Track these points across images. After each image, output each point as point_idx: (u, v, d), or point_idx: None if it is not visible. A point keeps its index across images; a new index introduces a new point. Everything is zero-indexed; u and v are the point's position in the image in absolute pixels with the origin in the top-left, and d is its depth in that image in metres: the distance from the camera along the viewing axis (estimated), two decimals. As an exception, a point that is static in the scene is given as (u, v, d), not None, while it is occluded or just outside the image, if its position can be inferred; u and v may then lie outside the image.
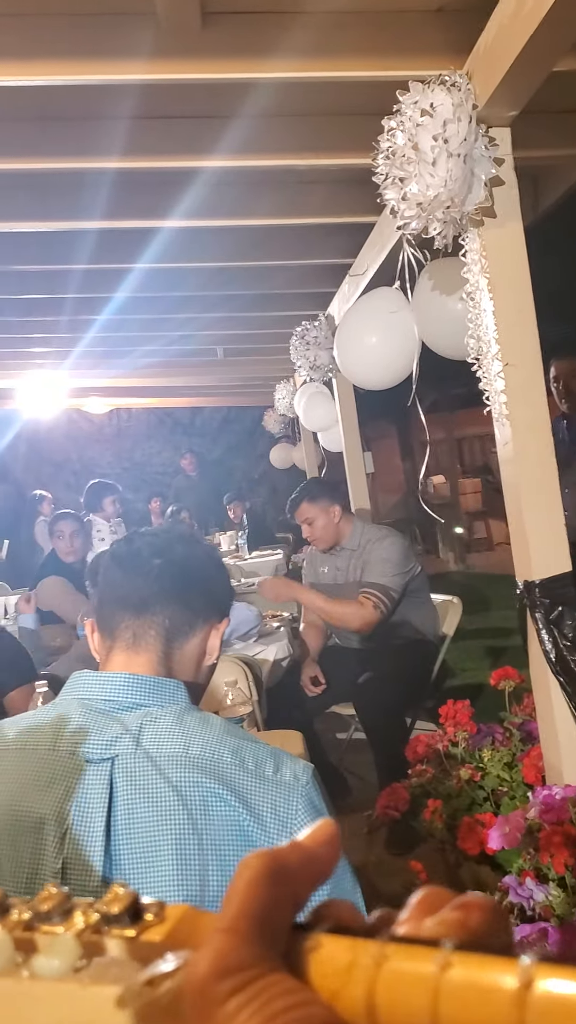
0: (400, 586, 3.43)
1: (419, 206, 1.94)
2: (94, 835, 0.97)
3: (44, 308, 4.57)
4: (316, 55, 2.06)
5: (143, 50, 2.01)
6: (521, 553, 2.10)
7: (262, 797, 1.00)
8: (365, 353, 2.70)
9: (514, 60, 1.72)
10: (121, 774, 1.01)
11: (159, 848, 0.96)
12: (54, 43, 2.05)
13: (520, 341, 2.01)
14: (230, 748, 1.04)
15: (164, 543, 1.19)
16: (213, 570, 1.24)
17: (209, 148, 2.54)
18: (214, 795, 0.98)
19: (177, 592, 1.16)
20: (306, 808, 1.01)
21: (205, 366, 6.77)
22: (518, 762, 2.32)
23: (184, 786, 0.99)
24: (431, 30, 2.04)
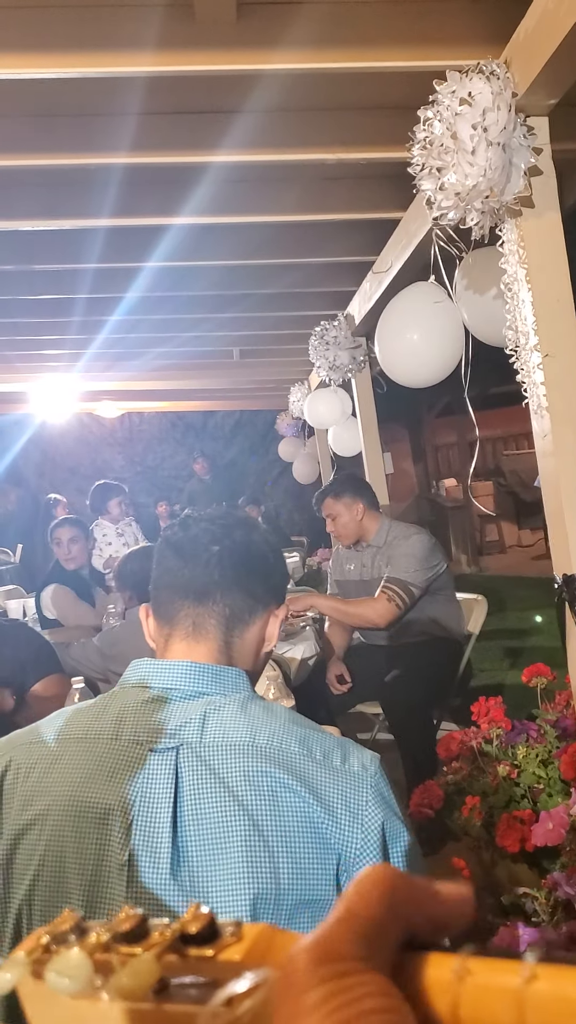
0: (422, 582, 3.42)
1: (457, 196, 1.93)
2: (160, 826, 0.95)
3: (55, 309, 4.54)
4: (350, 46, 2.05)
5: (177, 40, 2.00)
6: (560, 546, 2.08)
7: (332, 788, 0.98)
8: (409, 349, 2.66)
9: (557, 47, 1.70)
10: (187, 763, 0.98)
11: (228, 839, 0.94)
12: (80, 35, 2.03)
13: (559, 332, 1.99)
14: (297, 738, 1.01)
15: (222, 529, 1.16)
16: (271, 556, 1.21)
17: (229, 142, 2.52)
18: (283, 785, 0.96)
19: (237, 579, 1.14)
20: (376, 799, 0.98)
21: (218, 368, 6.75)
22: (554, 759, 2.30)
23: (253, 776, 0.97)
24: (467, 20, 2.02)
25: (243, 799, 0.95)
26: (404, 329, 2.70)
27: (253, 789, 0.96)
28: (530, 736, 2.45)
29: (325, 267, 4.15)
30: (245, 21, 2.00)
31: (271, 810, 0.95)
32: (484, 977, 0.27)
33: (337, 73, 2.19)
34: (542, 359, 1.98)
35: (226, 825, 0.94)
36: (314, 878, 0.94)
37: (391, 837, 0.98)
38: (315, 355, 4.42)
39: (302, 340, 4.68)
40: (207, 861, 0.94)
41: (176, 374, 6.75)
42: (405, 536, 3.55)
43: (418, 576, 3.41)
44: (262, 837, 0.94)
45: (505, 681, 5.04)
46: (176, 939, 0.31)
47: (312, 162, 2.77)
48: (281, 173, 3.10)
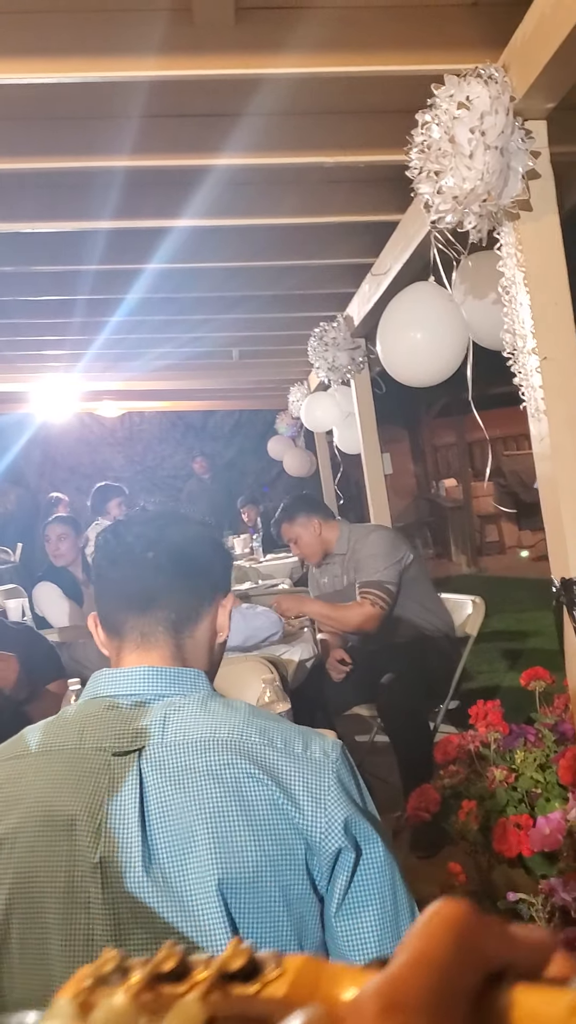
0: (394, 577, 3.45)
1: (455, 199, 1.93)
2: (129, 827, 0.97)
3: (56, 310, 4.54)
4: (349, 49, 2.05)
5: (176, 45, 2.00)
6: (558, 549, 2.08)
7: (294, 774, 1.00)
8: (411, 349, 2.65)
9: (555, 51, 1.70)
10: (150, 764, 1.00)
11: (196, 833, 0.96)
12: (80, 39, 2.04)
13: (557, 335, 1.99)
14: (257, 729, 1.03)
15: (155, 531, 1.14)
16: (210, 548, 1.19)
17: (230, 145, 2.52)
18: (246, 774, 0.98)
19: (178, 582, 1.13)
20: (336, 785, 1.00)
21: (218, 369, 6.75)
22: (552, 763, 2.30)
23: (216, 769, 0.99)
24: (465, 24, 2.02)
25: (207, 792, 0.97)
26: (407, 328, 2.69)
27: (216, 781, 0.98)
28: (528, 740, 2.45)
29: (325, 269, 4.15)
30: (244, 25, 2.00)
31: (236, 799, 0.97)
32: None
33: (336, 77, 2.19)
34: (540, 362, 1.98)
35: (193, 820, 0.96)
36: (284, 863, 0.96)
37: (353, 824, 0.99)
38: (314, 356, 4.42)
39: (302, 341, 4.69)
40: (177, 857, 0.95)
41: (176, 374, 6.75)
42: (364, 536, 3.61)
43: (389, 573, 3.44)
44: (228, 827, 0.95)
45: (503, 684, 5.04)
46: (218, 977, 0.30)
47: (311, 165, 2.77)
48: (281, 176, 3.10)
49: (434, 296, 2.60)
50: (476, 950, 0.28)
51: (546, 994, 0.27)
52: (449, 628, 3.64)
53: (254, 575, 5.59)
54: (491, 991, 0.27)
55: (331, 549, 3.68)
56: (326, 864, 0.98)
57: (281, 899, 0.96)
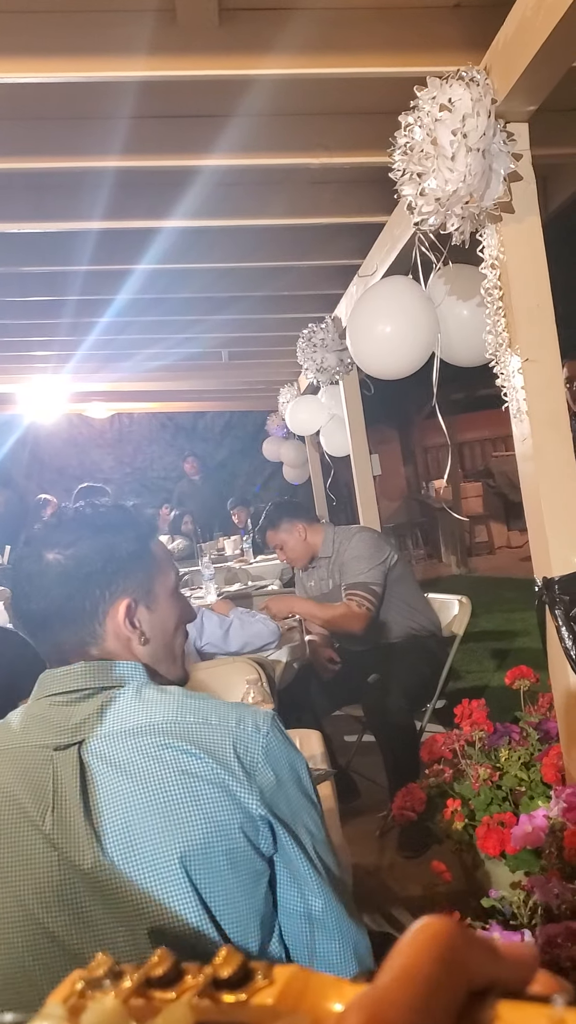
0: (379, 579, 3.47)
1: (437, 201, 1.94)
2: (76, 819, 1.00)
3: (45, 311, 4.55)
4: (333, 51, 2.06)
5: (160, 46, 2.00)
6: (540, 550, 2.09)
7: (227, 747, 1.03)
8: (380, 341, 2.65)
9: (535, 54, 1.71)
10: (91, 756, 1.03)
11: (146, 814, 0.99)
12: (66, 40, 2.04)
13: (539, 337, 2.00)
14: (191, 710, 1.06)
15: (24, 568, 1.14)
16: (69, 569, 1.13)
17: (217, 146, 2.53)
18: (184, 752, 1.01)
19: (50, 614, 1.13)
20: (265, 755, 1.04)
21: (208, 370, 6.76)
22: (536, 762, 2.31)
23: (153, 751, 1.02)
24: (448, 26, 2.03)
25: (148, 775, 1.01)
26: (376, 319, 2.68)
27: (156, 763, 1.01)
28: (512, 739, 2.46)
29: (313, 270, 4.17)
30: (228, 26, 2.01)
31: (178, 777, 1.01)
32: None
33: (320, 78, 2.20)
34: (522, 364, 1.99)
35: (140, 802, 1.00)
36: (227, 832, 1.00)
37: (272, 795, 1.04)
38: (303, 357, 4.43)
39: (291, 342, 4.70)
40: (131, 840, 0.99)
41: (166, 375, 6.75)
42: (348, 538, 3.62)
43: (374, 574, 3.46)
44: (173, 806, 0.99)
45: (491, 683, 5.05)
46: (208, 983, 0.31)
47: (298, 167, 2.78)
48: (269, 177, 3.12)
49: (404, 288, 2.61)
50: (461, 966, 0.28)
51: (529, 1010, 0.27)
52: (436, 628, 3.65)
53: (244, 576, 5.60)
54: (475, 1007, 0.28)
55: (317, 553, 3.70)
56: (263, 830, 1.02)
57: (229, 867, 1.00)
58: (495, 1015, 0.28)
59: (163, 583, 1.20)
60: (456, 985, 0.28)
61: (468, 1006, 0.28)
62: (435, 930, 0.29)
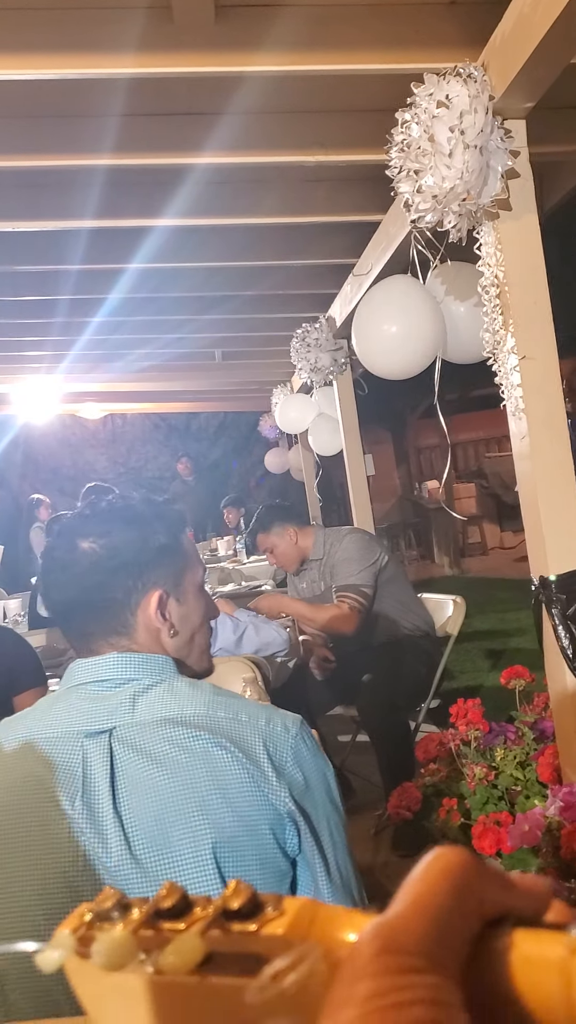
0: (370, 580, 3.46)
1: (434, 198, 1.93)
2: (103, 805, 1.02)
3: (37, 310, 4.53)
4: (329, 48, 2.05)
5: (156, 42, 1.99)
6: (536, 549, 2.08)
7: (257, 744, 1.05)
8: (386, 340, 2.63)
9: (533, 50, 1.71)
10: (121, 743, 1.05)
11: (171, 804, 1.01)
12: (60, 37, 2.03)
13: (536, 334, 2.00)
14: (223, 705, 1.08)
15: (61, 552, 1.16)
16: (103, 560, 1.14)
17: (210, 144, 2.51)
18: (214, 744, 1.03)
19: (80, 602, 1.14)
20: (294, 756, 1.06)
21: (202, 370, 6.74)
22: (532, 761, 2.30)
23: (184, 742, 1.04)
24: (445, 23, 2.03)
25: (176, 765, 1.02)
26: (382, 319, 2.66)
27: (186, 753, 1.03)
28: (508, 738, 2.46)
29: (307, 269, 4.15)
30: (223, 23, 2.00)
31: (207, 768, 1.02)
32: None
33: (316, 75, 2.19)
34: (519, 361, 1.98)
35: (164, 791, 1.01)
36: (256, 827, 1.01)
37: (300, 795, 1.05)
38: (297, 357, 4.42)
39: (284, 342, 4.68)
40: (159, 828, 1.00)
41: (159, 375, 6.73)
42: (339, 540, 3.61)
43: (364, 576, 3.45)
44: (199, 795, 1.01)
45: (485, 683, 5.05)
46: (218, 914, 0.31)
47: (292, 164, 2.77)
48: (263, 175, 3.10)
49: (410, 288, 2.60)
50: (474, 896, 0.28)
51: (544, 937, 0.27)
52: (429, 627, 3.65)
53: (237, 577, 5.58)
54: (490, 936, 0.28)
55: (307, 555, 3.68)
56: (289, 829, 1.03)
57: (257, 865, 1.01)
58: (510, 943, 0.28)
59: (192, 577, 1.21)
60: (470, 913, 0.28)
61: (483, 935, 0.28)
62: (448, 860, 0.29)
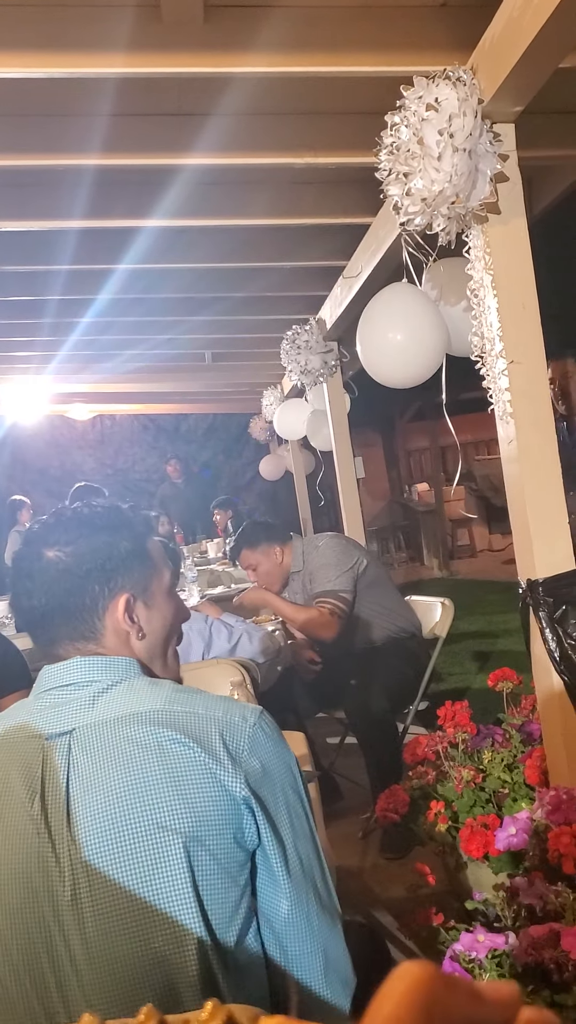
0: (348, 585, 3.44)
1: (423, 201, 1.93)
2: (59, 806, 1.03)
3: (26, 310, 4.51)
4: (318, 49, 2.05)
5: (144, 42, 1.99)
6: (524, 552, 2.09)
7: (215, 736, 1.06)
8: (392, 350, 2.62)
9: (522, 54, 1.71)
10: (79, 744, 1.06)
11: (122, 802, 1.02)
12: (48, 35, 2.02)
13: (524, 338, 2.00)
14: (180, 701, 1.09)
15: (29, 559, 1.17)
16: (62, 575, 1.15)
17: (199, 145, 2.51)
18: (171, 740, 1.04)
19: (49, 610, 1.15)
20: (251, 744, 1.07)
21: (191, 371, 6.73)
22: (519, 763, 2.31)
23: (140, 739, 1.05)
24: (434, 26, 2.03)
25: (131, 762, 1.03)
26: (388, 329, 2.65)
27: (140, 750, 1.04)
28: (495, 741, 2.46)
29: (297, 271, 4.16)
30: (213, 23, 1.99)
31: (160, 764, 1.03)
32: None
33: (306, 77, 2.19)
34: (507, 365, 1.99)
35: (121, 789, 1.03)
36: (214, 821, 1.02)
37: (266, 788, 1.06)
38: (287, 359, 4.42)
39: (275, 344, 4.68)
40: (109, 832, 1.01)
41: (149, 377, 6.72)
42: (315, 548, 3.59)
43: (342, 581, 3.43)
44: (155, 791, 1.02)
45: (474, 685, 5.06)
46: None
47: (282, 166, 2.77)
48: (252, 177, 3.10)
49: (413, 296, 2.60)
50: (443, 1013, 0.28)
51: None
52: (416, 629, 3.64)
53: (227, 579, 5.57)
54: None
55: (288, 572, 3.67)
56: (247, 818, 1.04)
57: (212, 858, 1.02)
58: None
59: (159, 581, 1.22)
60: (437, 1018, 0.28)
61: None
62: (415, 978, 0.29)
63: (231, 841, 1.03)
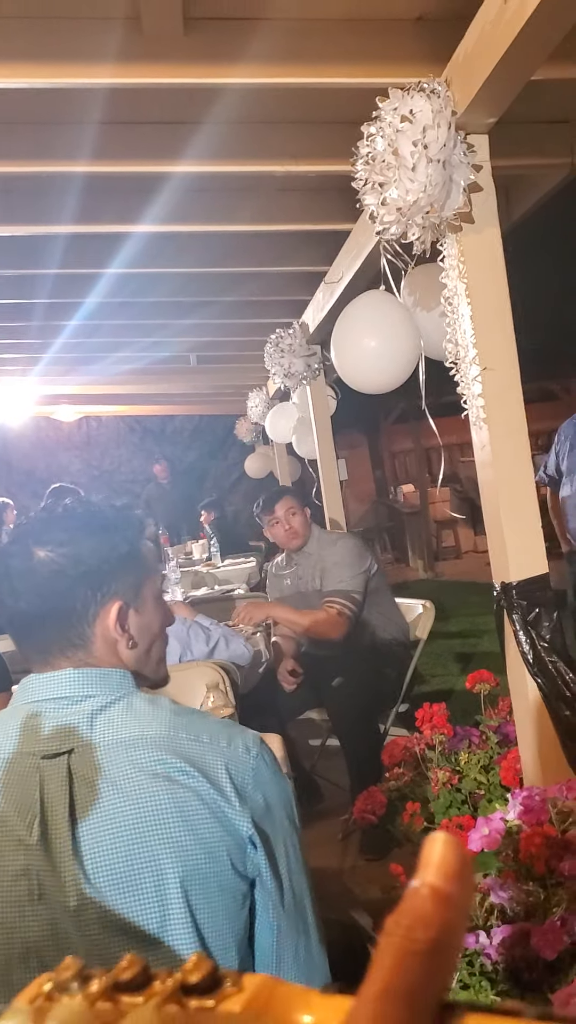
0: (360, 587, 3.49)
1: (399, 211, 1.96)
2: (62, 832, 0.99)
3: (12, 313, 4.52)
4: (298, 61, 2.08)
5: (126, 54, 2.01)
6: (498, 555, 2.12)
7: (219, 767, 1.04)
8: (364, 356, 2.66)
9: (494, 66, 1.74)
10: (80, 765, 1.02)
11: (130, 832, 0.99)
12: (35, 46, 2.04)
13: (497, 346, 2.03)
14: (183, 726, 1.07)
15: (16, 560, 1.09)
16: (55, 577, 1.08)
17: (185, 153, 2.53)
18: (176, 769, 1.02)
19: (26, 621, 1.10)
20: (255, 778, 1.06)
21: (177, 373, 6.75)
22: (495, 764, 2.34)
23: (147, 765, 1.02)
24: (411, 38, 2.06)
25: (139, 791, 1.00)
26: (360, 335, 2.68)
27: (148, 778, 1.01)
28: (472, 742, 2.49)
29: (281, 276, 4.19)
30: (193, 35, 2.02)
31: (168, 795, 1.00)
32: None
33: (285, 88, 2.22)
34: (480, 372, 2.02)
35: (124, 815, 0.99)
36: (219, 855, 1.00)
37: (268, 821, 1.05)
38: (270, 362, 4.45)
39: (259, 347, 4.72)
40: (118, 853, 0.98)
41: (135, 379, 6.73)
42: (332, 542, 3.64)
43: (356, 582, 3.48)
44: (159, 819, 0.99)
45: (457, 687, 5.09)
46: (177, 988, 0.31)
47: (264, 174, 2.80)
48: (238, 184, 3.13)
49: (386, 303, 2.63)
50: (441, 954, 0.28)
51: (496, 1022, 0.27)
52: (403, 634, 3.68)
53: (211, 580, 5.59)
54: (444, 1019, 0.27)
55: (302, 545, 3.70)
56: (249, 852, 1.03)
57: (218, 891, 1.00)
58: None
59: (151, 586, 1.17)
60: (434, 982, 0.27)
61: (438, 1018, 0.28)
62: (412, 939, 0.28)
63: (234, 875, 1.01)
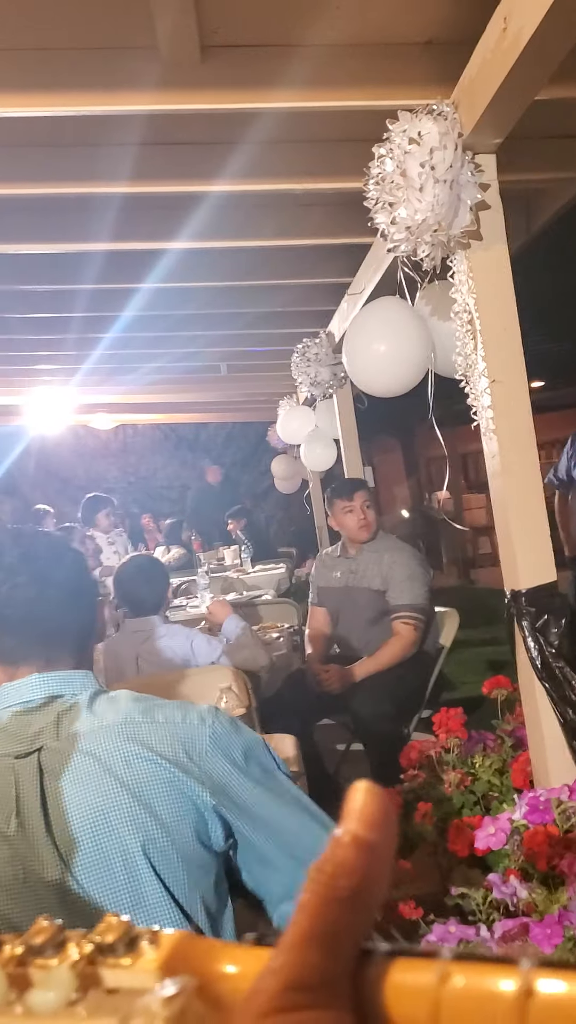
0: (428, 599, 3.61)
1: (408, 230, 2.03)
2: (36, 825, 1.07)
3: (52, 327, 4.68)
4: (311, 86, 2.15)
5: (147, 82, 2.10)
6: (509, 563, 2.17)
7: (175, 743, 1.11)
8: (374, 359, 2.72)
9: (496, 91, 1.80)
10: (49, 762, 1.10)
11: (94, 818, 1.06)
12: (62, 75, 2.14)
13: (505, 359, 2.08)
14: (139, 711, 1.14)
15: None
16: (59, 594, 1.22)
17: (211, 174, 2.64)
18: (135, 755, 1.09)
19: (33, 643, 1.20)
20: (212, 744, 1.12)
21: (210, 382, 6.87)
22: (508, 767, 2.39)
23: (106, 754, 1.09)
24: (420, 62, 2.13)
25: (102, 779, 1.08)
26: (371, 339, 2.75)
27: (109, 766, 1.09)
28: (487, 746, 2.54)
29: (307, 288, 4.29)
30: (210, 63, 2.11)
31: (129, 779, 1.08)
32: (471, 980, 0.26)
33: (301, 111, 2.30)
34: (489, 384, 2.07)
35: (94, 805, 1.07)
36: (180, 828, 1.07)
37: (235, 783, 1.10)
38: (297, 371, 4.52)
39: (288, 356, 4.80)
40: (84, 842, 1.06)
41: (169, 388, 6.87)
42: (399, 548, 3.68)
43: (423, 595, 3.57)
44: (126, 808, 1.06)
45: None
46: (93, 950, 0.30)
47: (285, 192, 2.89)
48: (262, 201, 3.23)
49: (397, 308, 2.69)
50: (363, 899, 0.28)
51: (416, 965, 0.27)
52: (432, 643, 3.74)
53: (240, 586, 5.68)
54: (364, 962, 0.28)
55: (370, 539, 3.74)
56: (213, 824, 1.09)
57: (181, 861, 1.07)
58: (384, 970, 0.27)
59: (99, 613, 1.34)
60: (361, 918, 0.28)
61: (357, 966, 0.28)
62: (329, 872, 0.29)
63: (196, 846, 1.08)
